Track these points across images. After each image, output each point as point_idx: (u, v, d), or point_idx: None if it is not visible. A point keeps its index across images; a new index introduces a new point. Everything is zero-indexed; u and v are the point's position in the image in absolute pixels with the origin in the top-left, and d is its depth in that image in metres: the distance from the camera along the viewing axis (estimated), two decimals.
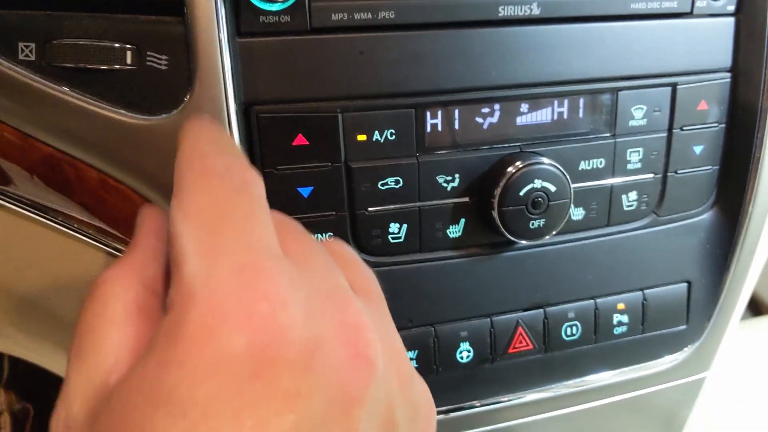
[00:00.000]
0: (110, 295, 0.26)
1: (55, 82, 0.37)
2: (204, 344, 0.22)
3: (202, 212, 0.25)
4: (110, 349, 0.25)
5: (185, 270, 0.23)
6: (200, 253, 0.24)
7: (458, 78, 0.43)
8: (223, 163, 0.27)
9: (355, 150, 0.42)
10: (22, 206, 0.42)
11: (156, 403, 0.22)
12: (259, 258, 0.24)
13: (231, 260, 0.23)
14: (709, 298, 0.54)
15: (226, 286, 0.23)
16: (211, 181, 0.26)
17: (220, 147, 0.29)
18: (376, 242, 0.45)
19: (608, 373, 0.53)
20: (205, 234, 0.24)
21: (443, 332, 0.47)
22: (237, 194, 0.26)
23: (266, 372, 0.22)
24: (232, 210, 0.25)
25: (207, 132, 0.30)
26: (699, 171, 0.50)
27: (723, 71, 0.49)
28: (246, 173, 0.27)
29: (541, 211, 0.45)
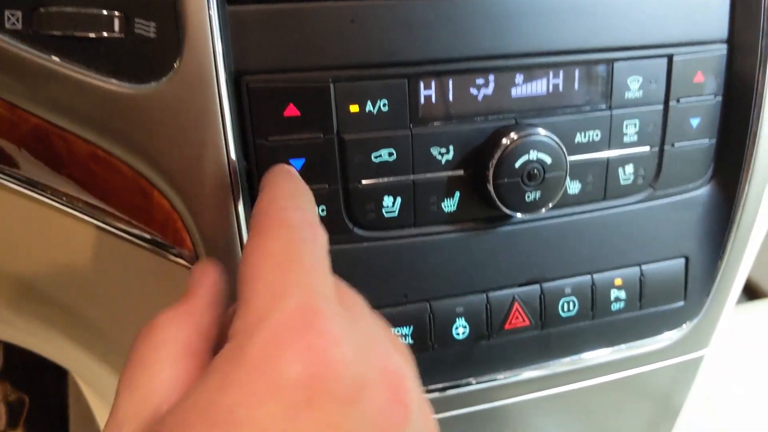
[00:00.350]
0: (167, 334, 0.29)
1: (42, 51, 0.37)
2: (265, 370, 0.24)
3: (273, 256, 0.28)
4: (164, 384, 0.27)
5: (254, 303, 0.26)
6: (268, 291, 0.27)
7: (451, 47, 0.42)
8: (296, 216, 0.31)
9: (347, 121, 0.42)
10: (10, 181, 0.41)
11: (214, 422, 0.23)
12: (319, 301, 0.26)
13: (295, 300, 0.26)
14: (707, 273, 0.54)
15: (289, 321, 0.25)
16: (285, 231, 0.30)
17: (296, 201, 0.33)
18: (369, 216, 0.44)
19: (606, 350, 0.53)
20: (274, 275, 0.27)
21: (439, 308, 0.47)
22: (304, 244, 0.29)
23: (317, 401, 0.24)
24: (299, 257, 0.28)
25: (287, 183, 0.35)
26: (696, 144, 0.50)
27: (719, 42, 0.49)
28: (314, 228, 0.31)
29: (536, 183, 0.44)
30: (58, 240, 0.45)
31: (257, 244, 0.29)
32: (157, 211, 0.40)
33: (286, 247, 0.29)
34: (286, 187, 0.34)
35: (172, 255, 0.42)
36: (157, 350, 0.28)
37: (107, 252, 0.44)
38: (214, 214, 0.40)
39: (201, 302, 0.31)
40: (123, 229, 0.42)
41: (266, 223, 0.30)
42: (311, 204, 0.34)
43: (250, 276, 0.28)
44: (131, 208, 0.41)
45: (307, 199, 0.34)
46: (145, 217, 0.40)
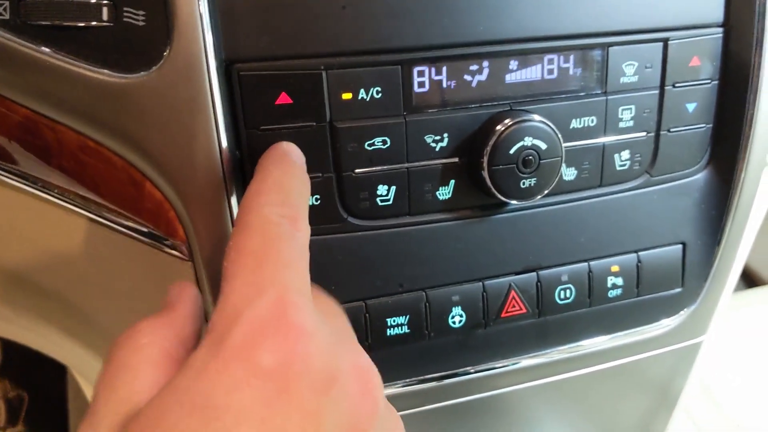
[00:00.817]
0: (148, 339, 0.30)
1: (30, 41, 0.36)
2: (241, 359, 0.25)
3: (251, 253, 0.29)
4: (143, 386, 0.28)
5: (231, 299, 0.27)
6: (246, 288, 0.28)
7: (445, 33, 0.42)
8: (278, 212, 0.31)
9: (340, 109, 0.41)
10: (2, 173, 0.41)
11: (191, 408, 0.24)
12: (294, 296, 0.28)
13: (271, 295, 0.27)
14: (705, 259, 0.53)
15: (266, 315, 0.26)
16: (263, 228, 0.30)
17: (281, 194, 0.33)
18: (364, 205, 0.44)
19: (603, 337, 0.53)
20: (252, 273, 0.28)
21: (435, 297, 0.47)
22: (282, 241, 0.30)
23: (291, 389, 0.25)
24: (276, 254, 0.29)
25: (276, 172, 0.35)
26: (692, 129, 0.50)
27: (715, 26, 0.48)
28: (295, 222, 0.32)
29: (532, 170, 0.44)
30: (51, 232, 0.45)
31: (236, 241, 0.30)
32: (149, 202, 0.40)
33: (264, 245, 0.30)
34: (274, 177, 0.35)
35: (167, 247, 0.41)
36: (138, 354, 0.29)
37: (100, 244, 0.44)
38: (206, 203, 0.39)
39: (182, 313, 0.32)
40: (116, 221, 0.41)
41: (247, 220, 0.31)
42: (299, 193, 0.35)
43: (229, 273, 0.29)
44: (123, 199, 0.40)
45: (297, 189, 0.35)
46: (137, 207, 0.40)
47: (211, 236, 0.40)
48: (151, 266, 0.42)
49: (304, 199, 0.35)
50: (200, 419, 0.24)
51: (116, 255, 0.43)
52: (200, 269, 0.41)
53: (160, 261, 0.41)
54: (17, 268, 0.47)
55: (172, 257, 0.41)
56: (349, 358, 0.29)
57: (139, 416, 0.25)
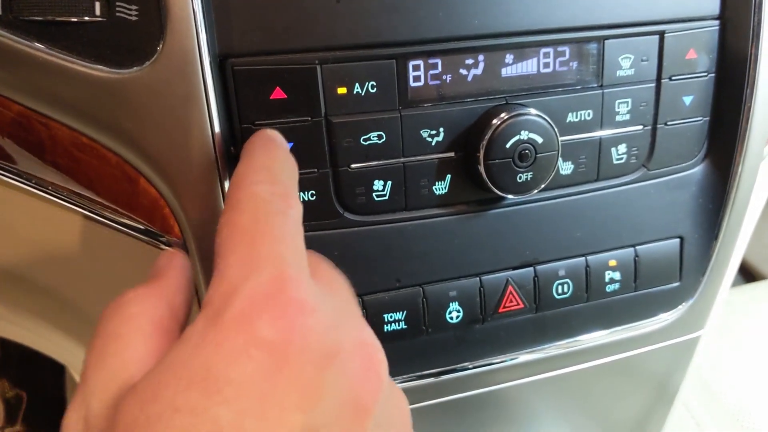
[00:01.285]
0: (139, 309, 0.29)
1: (23, 36, 0.36)
2: (241, 331, 0.25)
3: (245, 229, 0.29)
4: (134, 357, 0.27)
5: (228, 275, 0.27)
6: (241, 263, 0.27)
7: (440, 26, 0.41)
8: (267, 189, 0.31)
9: (335, 103, 0.41)
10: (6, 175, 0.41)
11: (190, 380, 0.24)
12: (291, 270, 0.27)
13: (268, 270, 0.27)
14: (702, 253, 0.53)
15: (264, 289, 0.26)
16: (255, 204, 0.30)
17: (270, 173, 0.32)
18: (360, 200, 0.44)
19: (601, 332, 0.53)
20: (247, 248, 0.28)
21: (432, 292, 0.46)
22: (275, 216, 0.29)
23: (292, 363, 0.25)
24: (270, 229, 0.29)
25: (263, 154, 0.34)
26: (689, 122, 0.49)
27: (711, 18, 0.48)
28: (287, 200, 0.31)
29: (528, 164, 0.44)
30: (46, 229, 0.45)
31: (228, 218, 0.29)
32: (144, 198, 0.40)
33: (256, 220, 0.29)
34: (262, 158, 0.34)
35: (162, 243, 0.41)
36: (128, 324, 0.28)
37: (96, 240, 0.43)
38: (201, 199, 0.39)
39: (172, 283, 0.31)
40: (111, 218, 0.41)
41: (237, 197, 0.30)
42: (288, 174, 0.34)
43: (223, 249, 0.28)
44: (117, 196, 0.40)
45: (284, 170, 0.34)
46: (132, 203, 0.40)
47: (206, 232, 0.40)
48: (147, 262, 0.42)
49: (293, 178, 0.35)
50: (200, 392, 0.23)
51: (112, 251, 0.43)
52: (196, 264, 0.41)
53: (155, 257, 0.41)
54: (13, 266, 0.47)
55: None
56: (352, 333, 0.29)
57: (135, 390, 0.25)
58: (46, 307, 0.49)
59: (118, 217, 0.41)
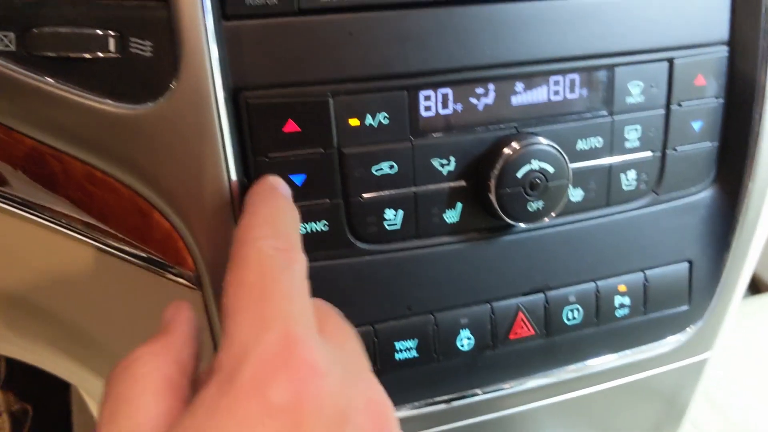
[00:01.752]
0: (147, 367, 0.29)
1: (36, 72, 0.36)
2: (253, 397, 0.25)
3: (251, 288, 0.29)
4: (147, 418, 0.27)
5: (237, 336, 0.27)
6: (250, 323, 0.27)
7: (451, 57, 0.41)
8: (272, 245, 0.31)
9: (347, 135, 0.41)
10: (8, 203, 0.41)
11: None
12: (299, 330, 0.27)
13: (277, 330, 0.27)
14: (711, 277, 0.53)
15: (274, 351, 0.26)
16: (259, 261, 0.30)
17: (273, 227, 0.33)
18: (371, 229, 0.44)
19: (611, 356, 0.53)
20: (254, 308, 0.28)
21: (443, 320, 0.46)
22: (281, 272, 0.30)
23: (305, 427, 0.25)
24: (276, 286, 0.29)
25: (265, 206, 0.35)
26: (698, 147, 0.50)
27: (720, 44, 0.48)
28: (291, 254, 0.31)
29: (539, 193, 0.44)
30: (56, 258, 0.44)
31: (234, 277, 0.30)
32: (157, 231, 0.40)
33: (262, 278, 0.29)
34: (264, 210, 0.35)
35: (173, 275, 0.41)
36: (138, 384, 0.28)
37: (106, 269, 0.43)
38: (215, 233, 0.39)
39: (179, 337, 0.31)
40: (120, 248, 0.41)
41: (242, 254, 0.31)
42: (291, 226, 0.34)
43: (230, 309, 0.28)
44: (131, 228, 0.40)
45: (286, 221, 0.34)
46: (145, 237, 0.40)
47: (219, 265, 0.40)
48: (160, 294, 0.42)
49: (296, 230, 0.35)
50: None
51: (122, 280, 0.43)
52: (209, 298, 0.41)
53: (169, 289, 0.41)
54: (23, 294, 0.47)
55: (182, 286, 0.41)
56: (363, 393, 0.29)
57: None
58: (54, 335, 0.49)
59: (131, 249, 0.41)
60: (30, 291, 0.46)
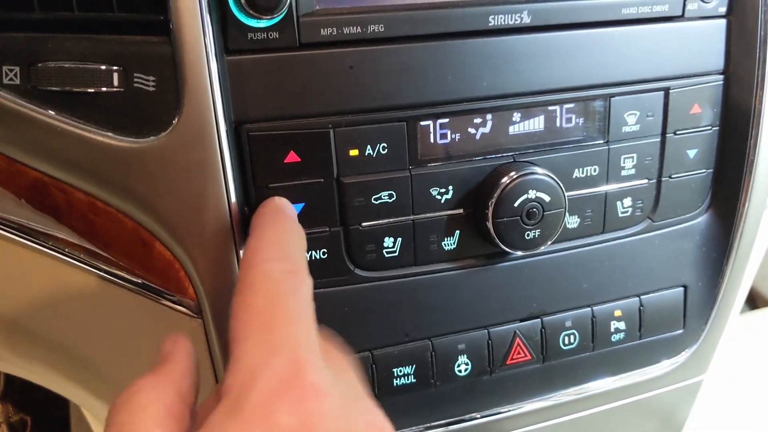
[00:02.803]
0: (149, 398, 0.29)
1: (40, 105, 0.37)
2: (261, 421, 0.25)
3: (259, 313, 0.29)
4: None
5: (244, 361, 0.28)
6: (257, 349, 0.28)
7: (449, 89, 0.42)
8: (278, 268, 0.32)
9: (347, 165, 0.42)
10: (11, 231, 0.41)
11: None
12: (306, 355, 0.28)
13: (283, 356, 0.27)
14: (706, 301, 0.54)
15: (280, 376, 0.27)
16: (267, 285, 0.31)
17: (280, 249, 0.33)
18: (370, 257, 0.44)
19: (607, 379, 0.53)
20: (261, 333, 0.29)
21: (440, 346, 0.47)
22: (288, 297, 0.30)
23: None
24: (283, 311, 0.29)
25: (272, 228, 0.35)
26: (693, 175, 0.50)
27: (715, 74, 0.49)
28: (297, 275, 0.32)
29: (536, 222, 0.44)
30: (55, 284, 0.45)
31: (241, 301, 0.30)
32: (159, 261, 0.40)
33: (270, 303, 0.30)
34: (271, 232, 0.35)
35: (166, 299, 0.42)
36: (140, 414, 0.29)
37: (105, 296, 0.44)
38: (216, 262, 0.40)
39: (179, 368, 0.32)
40: (115, 274, 0.42)
41: (250, 278, 0.31)
42: (297, 247, 0.35)
43: (238, 334, 0.29)
44: (133, 258, 0.41)
45: (293, 243, 0.35)
46: (147, 266, 0.41)
47: (220, 293, 0.40)
48: (162, 321, 0.42)
49: (302, 251, 0.35)
50: None
51: (125, 309, 0.43)
52: (210, 326, 0.41)
53: (169, 317, 0.42)
54: (22, 318, 0.47)
55: (182, 314, 0.41)
56: (365, 416, 0.29)
57: None
58: (55, 359, 0.50)
59: (133, 277, 0.41)
60: (28, 315, 0.46)
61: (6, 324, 0.47)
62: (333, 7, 0.39)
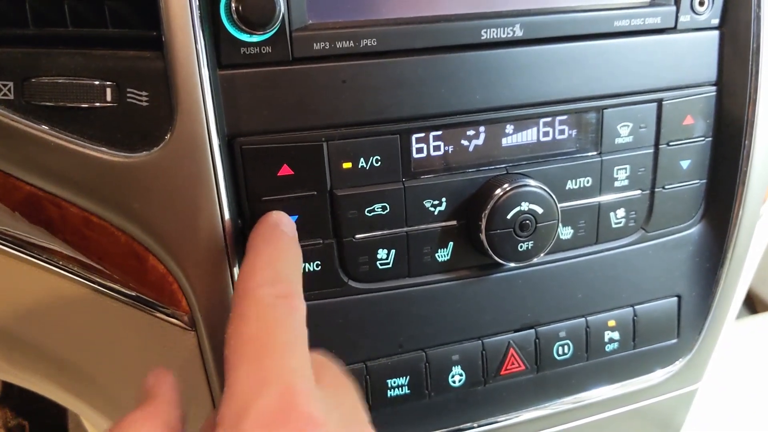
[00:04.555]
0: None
1: (34, 120, 0.37)
2: None
3: (251, 341, 0.30)
4: None
5: (238, 391, 0.28)
6: (250, 379, 0.28)
7: (442, 102, 0.42)
8: (272, 292, 0.32)
9: (340, 177, 0.42)
10: (5, 244, 0.42)
11: None
12: (298, 384, 0.28)
13: (276, 386, 0.27)
14: (700, 310, 0.54)
15: (274, 407, 0.27)
16: (259, 312, 0.31)
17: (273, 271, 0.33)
18: (363, 269, 0.44)
19: (601, 389, 0.53)
20: (254, 362, 0.29)
21: (434, 357, 0.47)
22: (280, 324, 0.30)
23: None
24: (275, 339, 0.30)
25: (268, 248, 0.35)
26: (686, 185, 0.50)
27: (708, 85, 0.49)
28: (291, 300, 0.32)
29: (528, 234, 0.45)
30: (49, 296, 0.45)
31: (234, 329, 0.31)
32: (152, 274, 0.40)
33: (262, 331, 0.30)
34: (266, 252, 0.35)
35: (159, 312, 0.42)
36: None
37: (99, 309, 0.44)
38: (209, 276, 0.40)
39: (166, 401, 0.32)
40: (109, 286, 0.42)
41: (242, 306, 0.31)
42: (292, 267, 0.35)
43: (231, 363, 0.29)
44: (127, 272, 0.41)
45: (287, 263, 0.35)
46: (141, 279, 0.41)
47: (213, 307, 0.41)
48: (156, 336, 0.43)
49: (297, 270, 0.35)
50: None
51: (119, 322, 0.44)
52: (203, 339, 0.41)
53: (164, 330, 0.42)
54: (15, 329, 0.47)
55: (176, 327, 0.41)
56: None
57: None
58: (50, 372, 0.50)
59: (127, 290, 0.41)
60: (23, 327, 0.47)
61: (2, 335, 0.47)
62: (325, 22, 0.40)
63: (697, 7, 0.47)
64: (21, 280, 0.44)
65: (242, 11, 0.37)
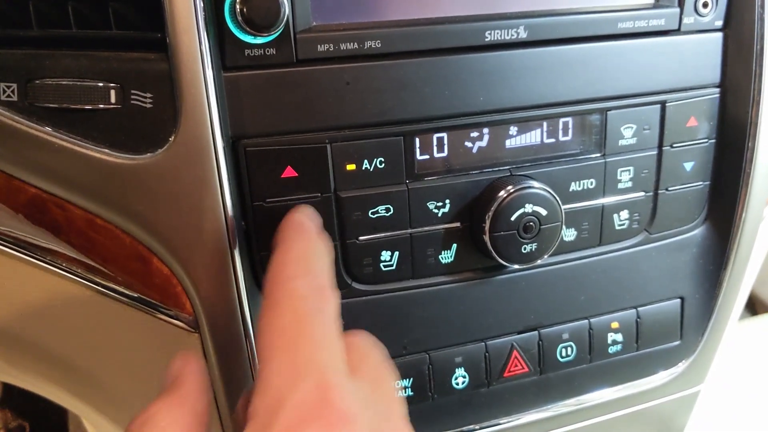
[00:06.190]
0: (167, 421, 0.29)
1: (38, 122, 0.37)
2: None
3: (285, 333, 0.29)
4: None
5: (272, 384, 0.28)
6: (284, 371, 0.28)
7: (446, 104, 0.42)
8: (304, 285, 0.31)
9: (344, 179, 0.42)
10: (9, 245, 0.41)
11: None
12: (332, 377, 0.28)
13: (310, 380, 0.27)
14: (703, 312, 0.54)
15: (308, 401, 0.27)
16: (293, 304, 0.30)
17: (305, 264, 0.33)
18: (367, 270, 0.44)
19: (604, 391, 0.53)
20: (288, 355, 0.28)
21: (438, 358, 0.47)
22: (314, 316, 0.30)
23: None
24: (309, 331, 0.29)
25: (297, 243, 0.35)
26: (690, 187, 0.50)
27: (712, 87, 0.49)
28: (323, 292, 0.32)
29: (532, 236, 0.45)
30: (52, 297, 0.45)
31: (268, 321, 0.30)
32: (157, 276, 0.40)
33: (296, 322, 0.30)
34: (296, 247, 0.35)
35: (161, 314, 0.42)
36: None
37: (102, 310, 0.44)
38: (213, 278, 0.40)
39: (192, 388, 0.32)
40: (111, 288, 0.42)
41: (275, 297, 0.31)
42: (322, 261, 0.35)
43: (265, 354, 0.29)
44: (131, 273, 0.41)
45: (318, 257, 0.35)
46: (145, 281, 0.41)
47: (217, 309, 0.40)
48: (160, 338, 0.42)
49: (328, 263, 0.35)
50: None
51: (125, 325, 0.43)
52: (206, 340, 0.41)
53: (168, 332, 0.42)
54: (19, 331, 0.47)
55: (179, 329, 0.41)
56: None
57: None
58: (52, 374, 0.50)
59: (130, 291, 0.41)
60: (26, 329, 0.46)
61: (3, 336, 0.47)
62: (330, 24, 0.40)
63: (701, 9, 0.47)
64: (25, 282, 0.44)
65: (247, 13, 0.37)
